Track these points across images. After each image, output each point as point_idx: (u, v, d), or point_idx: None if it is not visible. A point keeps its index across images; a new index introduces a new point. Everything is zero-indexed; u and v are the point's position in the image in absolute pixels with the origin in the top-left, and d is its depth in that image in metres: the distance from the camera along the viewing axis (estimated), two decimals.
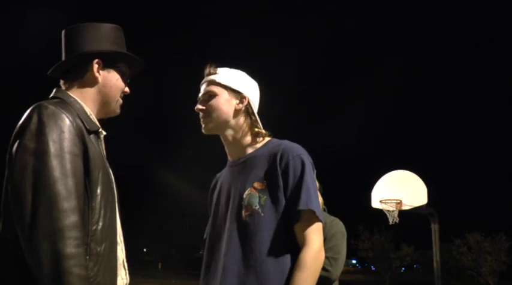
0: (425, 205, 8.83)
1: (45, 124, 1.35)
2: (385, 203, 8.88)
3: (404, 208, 8.81)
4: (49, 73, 1.62)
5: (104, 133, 1.60)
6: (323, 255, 1.63)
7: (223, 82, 1.76)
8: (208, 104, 1.76)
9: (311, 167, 1.68)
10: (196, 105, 1.80)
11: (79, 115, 1.47)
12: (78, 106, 1.51)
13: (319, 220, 1.63)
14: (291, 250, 1.62)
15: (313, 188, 1.64)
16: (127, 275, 1.56)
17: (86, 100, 1.57)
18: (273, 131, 1.81)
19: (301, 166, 1.64)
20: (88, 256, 1.34)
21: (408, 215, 9.26)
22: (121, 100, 1.67)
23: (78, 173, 1.35)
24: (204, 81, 1.81)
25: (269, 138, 1.80)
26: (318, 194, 1.68)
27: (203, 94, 1.79)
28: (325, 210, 2.87)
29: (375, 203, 9.00)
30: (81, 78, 1.58)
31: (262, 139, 1.78)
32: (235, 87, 1.76)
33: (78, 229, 1.29)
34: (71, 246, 1.25)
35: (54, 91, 1.57)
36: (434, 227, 9.19)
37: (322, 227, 1.65)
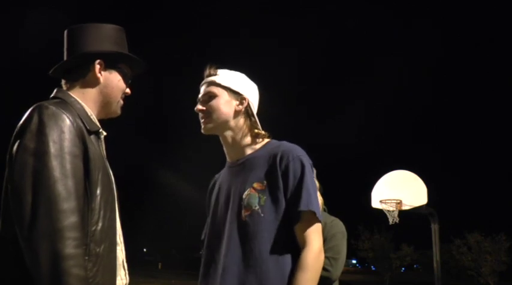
0: (425, 205, 8.85)
1: (46, 124, 1.35)
2: (385, 203, 8.89)
3: (404, 208, 8.83)
4: (50, 73, 1.62)
5: (105, 133, 1.60)
6: (323, 256, 1.64)
7: (223, 84, 1.77)
8: (208, 105, 1.77)
9: (310, 168, 1.69)
10: (196, 105, 1.81)
11: (79, 115, 1.47)
12: (79, 107, 1.51)
13: (319, 221, 1.64)
14: (291, 250, 1.62)
15: (313, 189, 1.65)
16: (127, 276, 1.56)
17: (87, 101, 1.57)
18: (272, 131, 1.81)
19: (301, 168, 1.65)
20: (87, 257, 1.34)
21: (408, 215, 9.27)
22: (122, 101, 1.67)
23: (78, 174, 1.36)
24: (204, 82, 1.81)
25: (268, 139, 1.80)
26: (317, 195, 1.69)
27: (203, 95, 1.79)
28: (325, 210, 2.87)
29: (375, 203, 9.01)
30: (82, 78, 1.58)
31: (261, 140, 1.79)
32: (235, 89, 1.77)
33: (78, 230, 1.29)
34: (70, 246, 1.25)
35: (55, 91, 1.57)
36: (434, 227, 9.20)
37: (321, 227, 1.66)
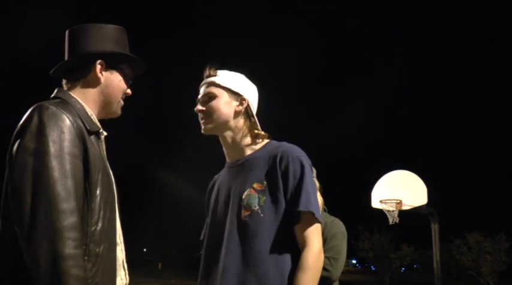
0: (425, 205, 8.84)
1: (46, 124, 1.35)
2: (385, 203, 8.89)
3: (404, 208, 8.82)
4: (52, 72, 1.62)
5: (105, 133, 1.59)
6: (323, 256, 1.64)
7: (223, 84, 1.77)
8: (208, 105, 1.77)
9: (310, 169, 1.69)
10: (195, 106, 1.81)
11: (80, 115, 1.47)
12: (79, 107, 1.51)
13: (319, 222, 1.64)
14: (290, 251, 1.63)
15: (312, 190, 1.65)
16: (127, 276, 1.56)
17: (87, 101, 1.57)
18: (272, 131, 1.82)
19: (300, 168, 1.66)
20: (86, 257, 1.34)
21: (408, 215, 9.27)
22: (122, 102, 1.67)
23: (77, 174, 1.36)
24: (203, 82, 1.81)
25: (268, 140, 1.81)
26: (317, 195, 1.70)
27: (203, 96, 1.79)
28: (325, 210, 2.87)
29: (375, 203, 9.01)
30: (83, 78, 1.58)
31: (261, 140, 1.79)
32: (235, 89, 1.77)
33: (77, 230, 1.29)
34: (70, 247, 1.25)
35: (55, 91, 1.57)
36: (434, 227, 9.20)
37: (321, 228, 1.67)
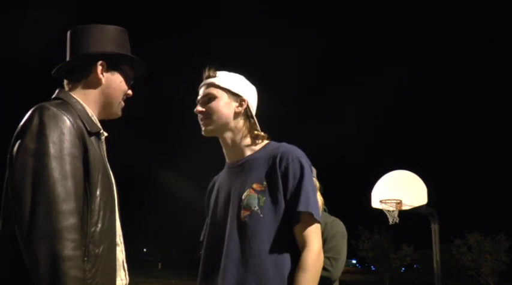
0: (425, 205, 8.85)
1: (46, 125, 1.35)
2: (385, 203, 8.89)
3: (404, 208, 8.83)
4: (53, 72, 1.63)
5: (105, 134, 1.60)
6: (323, 256, 1.64)
7: (222, 85, 1.77)
8: (208, 106, 1.77)
9: (310, 169, 1.70)
10: (195, 107, 1.81)
11: (80, 116, 1.47)
12: (80, 108, 1.52)
13: (318, 222, 1.64)
14: (290, 251, 1.63)
15: (312, 191, 1.65)
16: (127, 276, 1.57)
17: (88, 102, 1.57)
18: (272, 131, 1.82)
19: (300, 169, 1.66)
20: (86, 258, 1.34)
21: (408, 215, 9.27)
22: (123, 103, 1.67)
23: (77, 175, 1.36)
24: (203, 83, 1.81)
25: (267, 141, 1.81)
26: (317, 196, 1.70)
27: (202, 97, 1.79)
28: (325, 210, 2.87)
29: (375, 203, 9.01)
30: (84, 79, 1.59)
31: (260, 141, 1.80)
32: (234, 90, 1.77)
33: (77, 231, 1.29)
34: (69, 248, 1.25)
35: (56, 91, 1.58)
36: (434, 227, 9.20)
37: (322, 228, 1.67)
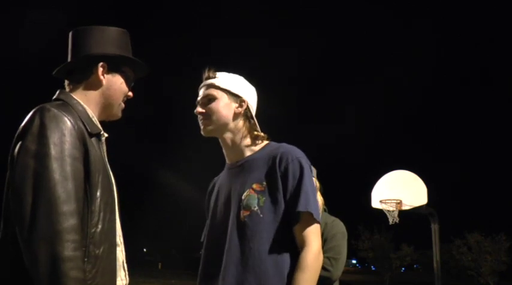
0: (425, 205, 8.85)
1: (47, 126, 1.36)
2: (385, 203, 8.89)
3: (404, 208, 8.83)
4: (54, 73, 1.64)
5: (106, 135, 1.60)
6: (322, 256, 1.65)
7: (222, 86, 1.77)
8: (208, 107, 1.77)
9: (309, 170, 1.70)
10: (195, 108, 1.81)
11: (81, 117, 1.48)
12: (81, 109, 1.52)
13: (318, 222, 1.65)
14: (290, 251, 1.63)
15: (311, 191, 1.65)
16: (127, 276, 1.57)
17: (89, 103, 1.58)
18: (273, 131, 1.82)
19: (299, 169, 1.66)
20: (86, 259, 1.35)
21: (408, 215, 9.27)
22: (123, 104, 1.68)
23: (78, 177, 1.36)
24: (203, 84, 1.82)
25: (267, 141, 1.81)
26: (316, 196, 1.70)
27: (202, 98, 1.80)
28: (325, 210, 2.87)
29: (375, 203, 9.01)
30: (85, 80, 1.59)
31: (260, 142, 1.80)
32: (234, 91, 1.78)
33: (77, 232, 1.30)
34: (69, 249, 1.26)
35: (57, 92, 1.58)
36: (434, 227, 9.21)
37: (322, 228, 1.66)
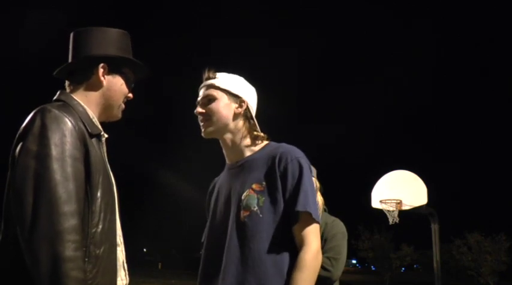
0: (425, 205, 8.84)
1: (48, 127, 1.36)
2: (385, 203, 8.89)
3: (404, 208, 8.82)
4: (55, 73, 1.64)
5: (106, 136, 1.61)
6: (321, 256, 1.65)
7: (222, 87, 1.78)
8: (207, 107, 1.77)
9: (309, 170, 1.70)
10: (195, 108, 1.81)
11: (81, 118, 1.49)
12: (81, 110, 1.53)
13: (317, 222, 1.65)
14: (289, 251, 1.63)
15: (310, 190, 1.65)
16: (127, 276, 1.58)
17: (89, 103, 1.59)
18: (273, 131, 1.82)
19: (299, 169, 1.66)
20: (87, 259, 1.35)
21: (408, 215, 9.27)
22: (123, 105, 1.69)
23: (79, 177, 1.37)
24: (203, 85, 1.82)
25: (267, 141, 1.82)
26: (316, 196, 1.70)
27: (202, 98, 1.80)
28: (325, 210, 2.87)
29: (375, 203, 9.01)
30: (86, 81, 1.60)
31: (260, 142, 1.80)
32: (234, 92, 1.78)
33: (77, 232, 1.30)
34: (70, 249, 1.26)
35: (58, 93, 1.59)
36: (434, 227, 9.20)
37: (321, 228, 1.66)
